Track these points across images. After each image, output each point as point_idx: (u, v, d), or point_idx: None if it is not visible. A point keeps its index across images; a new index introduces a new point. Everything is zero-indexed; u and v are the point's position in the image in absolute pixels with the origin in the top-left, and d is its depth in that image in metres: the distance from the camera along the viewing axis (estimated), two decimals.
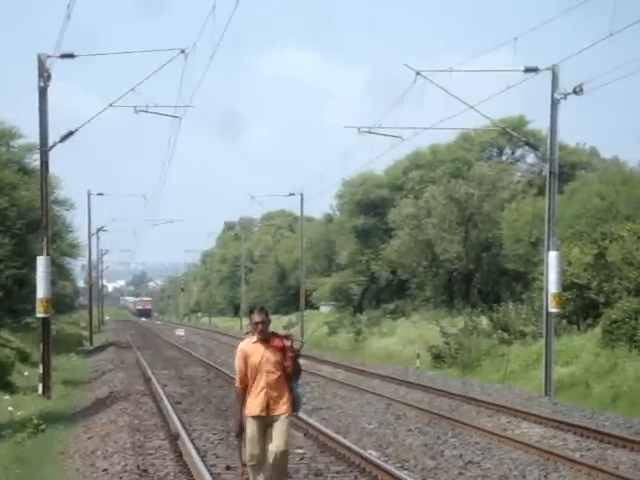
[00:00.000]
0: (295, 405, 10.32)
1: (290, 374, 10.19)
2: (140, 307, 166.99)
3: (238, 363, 10.23)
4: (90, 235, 67.70)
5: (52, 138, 27.15)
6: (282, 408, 10.17)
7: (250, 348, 10.17)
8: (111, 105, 28.77)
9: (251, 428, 10.15)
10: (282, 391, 10.18)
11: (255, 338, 10.15)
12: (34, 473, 14.69)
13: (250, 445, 10.18)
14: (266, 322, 10.12)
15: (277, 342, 10.16)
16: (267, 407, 10.11)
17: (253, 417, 10.14)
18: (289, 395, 10.22)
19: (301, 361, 10.62)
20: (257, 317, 10.07)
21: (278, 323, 78.12)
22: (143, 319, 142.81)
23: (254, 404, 10.14)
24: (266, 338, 10.13)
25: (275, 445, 10.11)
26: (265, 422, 10.14)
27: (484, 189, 53.38)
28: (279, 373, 10.13)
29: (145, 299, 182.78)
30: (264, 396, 10.09)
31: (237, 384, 10.30)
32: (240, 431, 10.28)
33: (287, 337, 10.28)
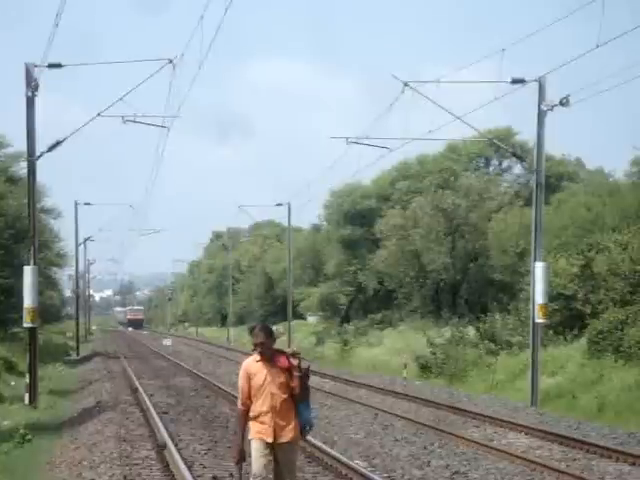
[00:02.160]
0: (303, 430, 9.43)
1: (297, 396, 9.31)
2: (131, 317, 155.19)
3: (241, 383, 9.37)
4: (77, 245, 67.55)
5: (39, 147, 27.16)
6: (289, 434, 9.31)
7: (254, 367, 9.31)
8: (99, 115, 28.76)
9: (256, 447, 9.29)
10: (289, 415, 9.31)
11: (259, 357, 9.33)
12: None
13: (255, 465, 9.30)
14: (267, 343, 9.22)
15: (283, 361, 9.28)
16: (273, 433, 9.25)
17: (259, 441, 9.27)
18: (296, 419, 9.36)
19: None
20: (257, 338, 9.22)
21: None
22: (130, 329, 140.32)
23: (259, 429, 9.28)
24: (270, 357, 9.29)
25: (282, 476, 9.34)
26: (271, 449, 9.28)
27: (471, 200, 53.57)
28: (285, 395, 9.27)
29: (136, 308, 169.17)
30: (269, 421, 9.24)
31: (239, 405, 9.44)
32: (240, 458, 9.34)
33: (294, 355, 9.38)
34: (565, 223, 41.50)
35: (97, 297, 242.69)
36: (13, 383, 31.30)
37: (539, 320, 27.23)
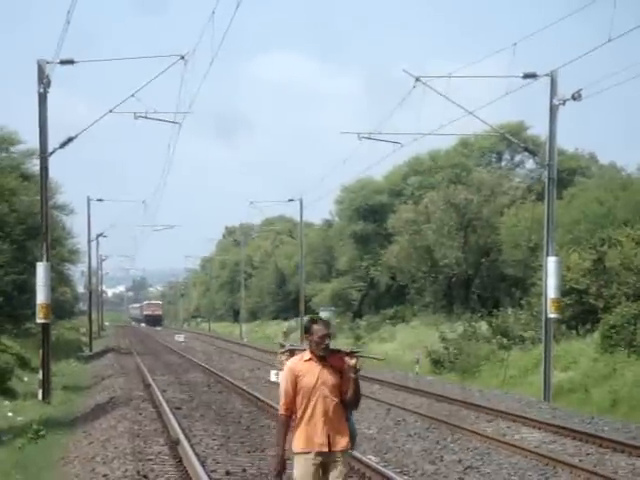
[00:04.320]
0: (352, 439, 8.47)
1: (348, 400, 8.28)
2: (148, 313, 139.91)
3: (285, 385, 8.24)
4: (90, 241, 67.61)
5: (51, 143, 27.24)
6: (342, 442, 8.28)
7: (302, 367, 8.19)
8: (111, 111, 28.80)
9: (304, 466, 8.18)
10: (341, 421, 8.30)
11: (308, 355, 8.21)
12: (34, 479, 14.72)
13: None
14: (330, 337, 8.19)
15: (337, 361, 8.19)
16: (327, 441, 8.19)
17: (308, 453, 8.18)
18: (347, 426, 8.38)
19: None
20: (323, 330, 8.09)
21: (278, 329, 78.19)
22: (143, 325, 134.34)
23: (309, 436, 8.19)
24: (324, 356, 8.18)
25: None
26: (322, 460, 8.22)
27: (483, 195, 53.49)
28: (337, 399, 8.20)
29: (154, 302, 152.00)
30: (322, 427, 8.16)
31: (281, 411, 8.28)
32: (281, 469, 8.23)
33: (351, 354, 8.20)
34: (577, 218, 41.38)
35: (110, 293, 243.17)
36: (26, 379, 31.44)
37: (552, 315, 27.20)
